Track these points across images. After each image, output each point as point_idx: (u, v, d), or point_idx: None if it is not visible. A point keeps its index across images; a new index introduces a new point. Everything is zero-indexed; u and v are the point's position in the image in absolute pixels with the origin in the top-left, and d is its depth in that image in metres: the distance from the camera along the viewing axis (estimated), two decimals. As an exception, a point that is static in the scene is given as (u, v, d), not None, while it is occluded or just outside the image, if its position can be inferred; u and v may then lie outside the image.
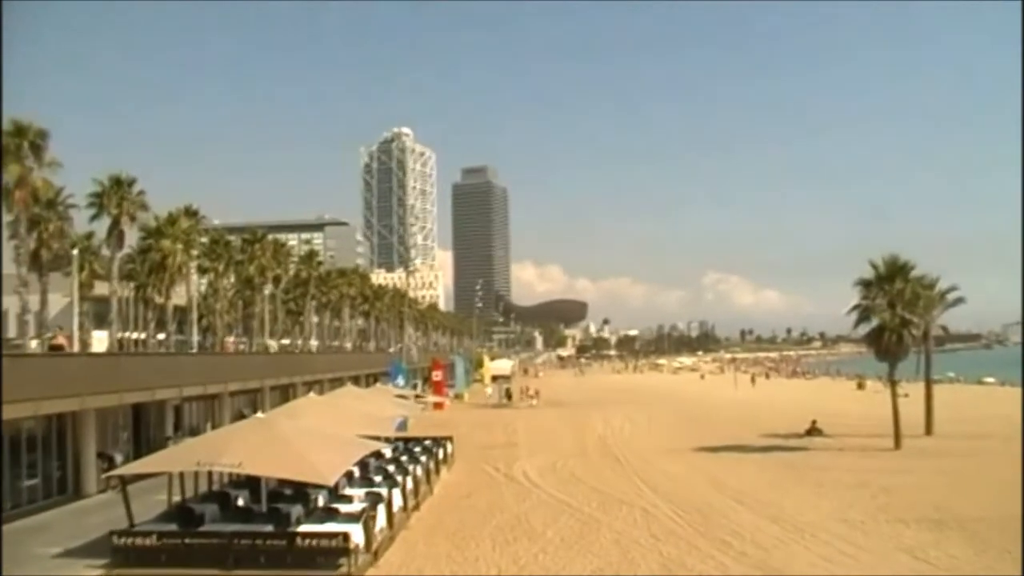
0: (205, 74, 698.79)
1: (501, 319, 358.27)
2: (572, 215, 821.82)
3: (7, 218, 49.84)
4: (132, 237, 63.91)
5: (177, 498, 26.29)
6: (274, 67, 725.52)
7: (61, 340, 27.18)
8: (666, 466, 40.56)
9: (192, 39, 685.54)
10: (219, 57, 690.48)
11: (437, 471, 37.47)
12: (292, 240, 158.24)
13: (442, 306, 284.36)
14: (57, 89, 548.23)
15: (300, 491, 26.52)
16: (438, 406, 71.76)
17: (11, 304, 65.55)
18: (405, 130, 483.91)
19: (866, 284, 46.72)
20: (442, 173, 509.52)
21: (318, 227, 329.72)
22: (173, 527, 23.14)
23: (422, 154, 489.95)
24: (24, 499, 31.00)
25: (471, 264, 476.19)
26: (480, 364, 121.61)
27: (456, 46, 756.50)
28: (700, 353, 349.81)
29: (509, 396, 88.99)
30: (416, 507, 30.36)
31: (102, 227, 61.37)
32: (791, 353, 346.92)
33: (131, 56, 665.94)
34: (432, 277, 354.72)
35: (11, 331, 64.95)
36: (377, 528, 24.14)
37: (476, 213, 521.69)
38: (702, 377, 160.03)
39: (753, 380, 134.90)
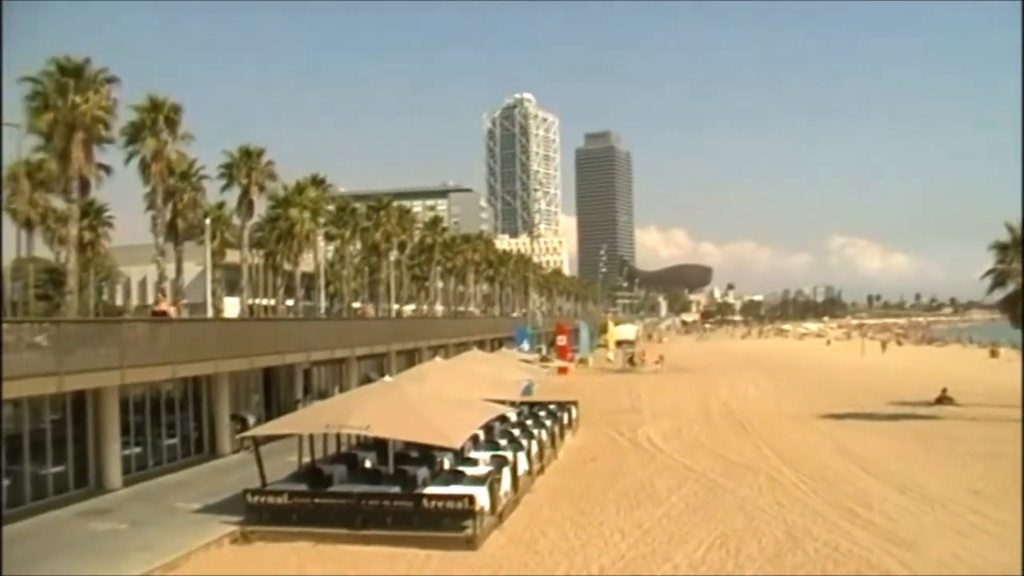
0: (330, 45, 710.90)
1: (625, 284, 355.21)
2: (696, 179, 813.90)
3: (144, 190, 51.68)
4: (261, 206, 65.56)
5: (307, 459, 26.97)
6: (398, 35, 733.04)
7: (164, 306, 27.97)
8: (791, 433, 39.88)
9: (317, 9, 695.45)
10: (344, 28, 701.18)
11: (562, 435, 37.47)
12: (417, 207, 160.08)
13: (566, 271, 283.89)
14: (190, 64, 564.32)
15: (426, 454, 26.89)
16: (562, 371, 71.94)
17: (149, 272, 68.08)
18: (528, 96, 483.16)
19: (1002, 248, 44.66)
20: (565, 138, 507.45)
21: (442, 194, 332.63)
22: (303, 487, 23.74)
23: (545, 119, 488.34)
24: (164, 457, 32.28)
25: (595, 229, 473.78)
26: (604, 329, 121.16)
27: (578, 10, 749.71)
28: (826, 319, 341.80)
29: (633, 361, 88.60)
30: (541, 471, 30.48)
31: (233, 197, 63.17)
32: (920, 319, 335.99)
33: (259, 31, 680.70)
34: (556, 242, 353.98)
35: (149, 298, 67.34)
36: (502, 491, 24.31)
37: (599, 178, 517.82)
38: (828, 343, 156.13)
39: (884, 346, 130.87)
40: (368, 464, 27.38)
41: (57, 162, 43.47)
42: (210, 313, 59.19)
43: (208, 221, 60.92)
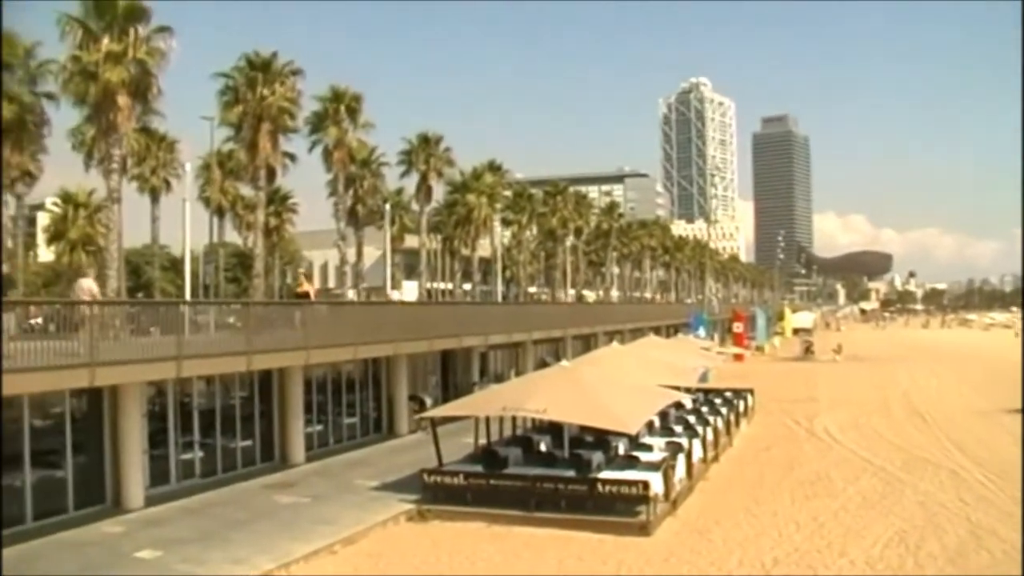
0: (507, 32, 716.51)
1: (802, 271, 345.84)
2: (877, 163, 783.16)
3: (326, 177, 53.31)
4: (439, 192, 66.96)
5: (483, 441, 27.18)
6: (573, 21, 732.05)
7: (306, 287, 28.47)
8: (975, 427, 37.85)
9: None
10: (519, 14, 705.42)
11: (737, 423, 36.80)
12: (593, 192, 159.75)
13: (743, 257, 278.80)
14: (371, 54, 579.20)
15: (601, 438, 26.72)
16: (738, 358, 70.74)
17: (331, 257, 70.21)
18: (703, 80, 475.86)
19: None
20: (741, 123, 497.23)
21: (618, 179, 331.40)
22: (479, 468, 23.91)
23: (721, 104, 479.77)
24: (344, 435, 33.23)
25: (772, 215, 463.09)
26: (781, 317, 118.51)
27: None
28: (1014, 309, 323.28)
29: (810, 350, 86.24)
30: (715, 458, 29.96)
31: (411, 183, 64.61)
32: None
33: (437, 21, 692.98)
34: (733, 228, 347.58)
35: (331, 282, 69.42)
36: (676, 478, 23.93)
37: (777, 162, 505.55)
38: (1016, 335, 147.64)
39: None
40: (543, 447, 27.39)
41: (246, 152, 45.35)
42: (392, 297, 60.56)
43: (388, 207, 62.48)
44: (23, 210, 51.94)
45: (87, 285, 23.82)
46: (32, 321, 21.68)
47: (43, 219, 70.01)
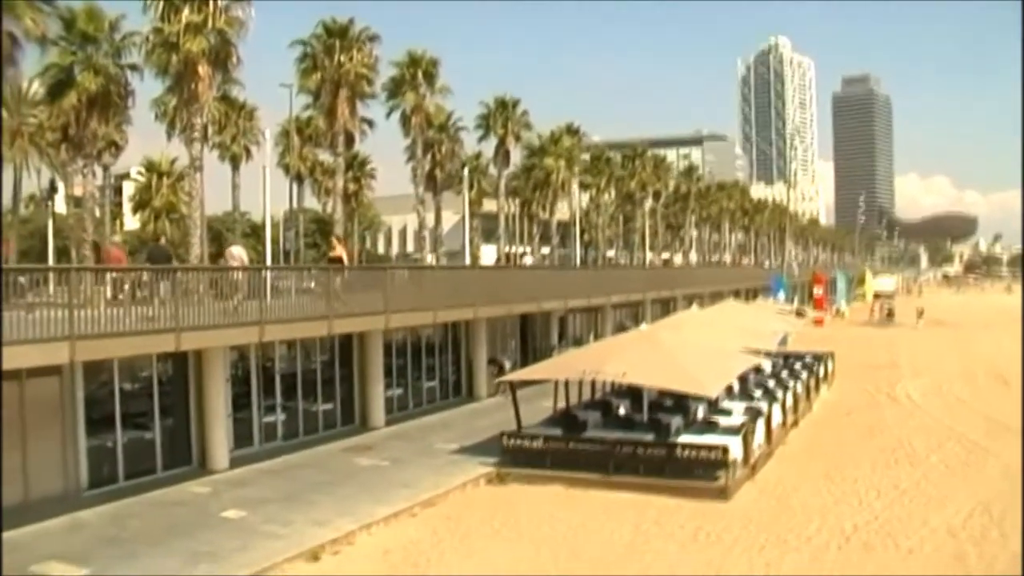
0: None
1: (884, 234, 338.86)
2: (960, 123, 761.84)
3: (404, 142, 53.57)
4: (517, 156, 66.89)
5: (561, 404, 27.20)
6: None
7: (339, 251, 28.51)
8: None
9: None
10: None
11: (817, 388, 36.23)
12: (671, 155, 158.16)
13: (822, 220, 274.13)
14: (447, 18, 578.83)
15: (680, 402, 26.54)
16: (818, 322, 69.83)
17: (410, 221, 70.62)
18: (782, 40, 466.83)
19: None
20: (821, 83, 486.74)
21: (697, 141, 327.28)
22: (558, 432, 23.95)
23: (800, 64, 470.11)
24: (424, 399, 33.49)
25: (852, 177, 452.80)
26: (862, 281, 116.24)
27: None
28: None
29: (891, 315, 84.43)
30: (795, 423, 29.61)
31: (489, 147, 64.64)
32: None
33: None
34: (812, 191, 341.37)
35: (409, 246, 69.87)
36: (755, 443, 23.71)
37: (857, 123, 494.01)
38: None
39: None
40: (622, 411, 27.32)
41: (324, 118, 45.84)
42: (468, 260, 60.78)
43: (466, 171, 62.58)
44: (109, 180, 53.18)
45: (237, 252, 24.23)
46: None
47: (128, 188, 71.50)
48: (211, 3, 34.20)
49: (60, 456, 19.78)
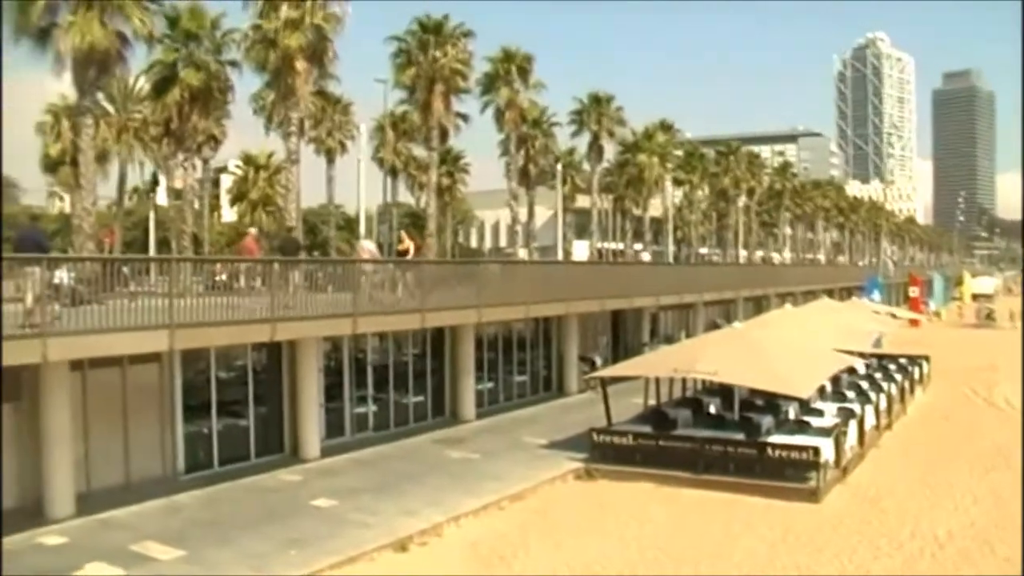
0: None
1: (984, 234, 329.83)
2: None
3: (498, 137, 53.83)
4: (610, 151, 66.58)
5: (652, 402, 27.01)
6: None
7: (407, 244, 28.36)
8: None
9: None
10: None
11: (912, 391, 35.36)
12: (765, 152, 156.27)
13: (920, 219, 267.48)
14: (541, 14, 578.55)
15: (771, 402, 26.14)
16: (914, 323, 68.03)
17: (502, 216, 70.83)
18: (880, 35, 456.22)
19: None
20: (920, 79, 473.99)
21: (791, 138, 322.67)
22: (648, 429, 23.77)
23: (899, 60, 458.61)
24: (514, 393, 33.55)
25: (952, 175, 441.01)
26: (960, 282, 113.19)
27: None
28: None
29: (990, 316, 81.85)
30: (888, 426, 28.92)
31: (582, 143, 64.51)
32: None
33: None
34: (910, 189, 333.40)
35: (502, 241, 70.08)
36: (847, 445, 23.22)
37: (958, 120, 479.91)
38: None
39: None
40: (713, 409, 27.02)
41: (419, 113, 46.20)
42: (560, 256, 60.76)
43: (559, 166, 62.52)
44: (208, 173, 54.30)
45: (368, 246, 24.57)
46: (217, 278, 22.56)
47: (226, 181, 73.03)
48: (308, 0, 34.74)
49: (159, 440, 20.38)
